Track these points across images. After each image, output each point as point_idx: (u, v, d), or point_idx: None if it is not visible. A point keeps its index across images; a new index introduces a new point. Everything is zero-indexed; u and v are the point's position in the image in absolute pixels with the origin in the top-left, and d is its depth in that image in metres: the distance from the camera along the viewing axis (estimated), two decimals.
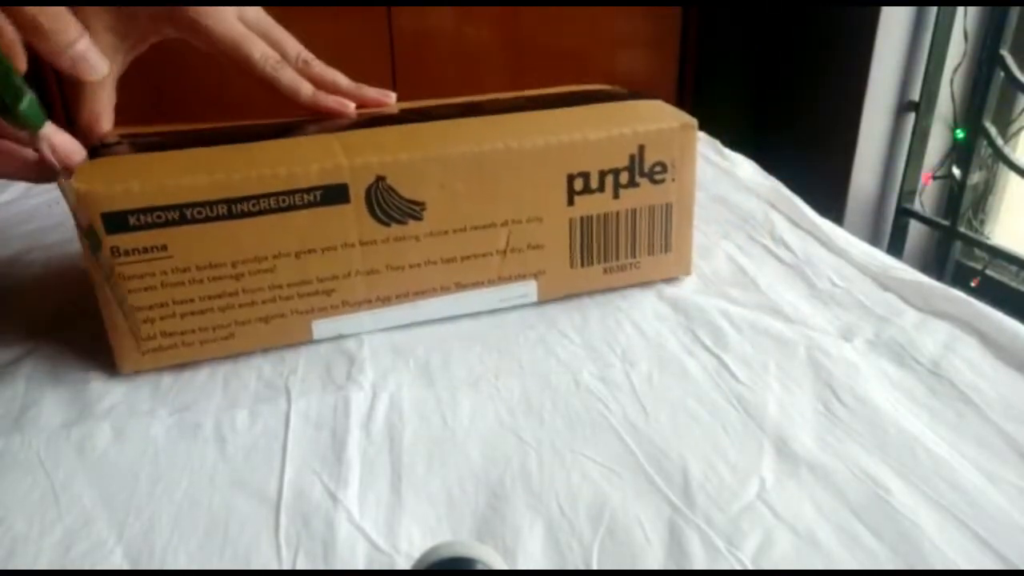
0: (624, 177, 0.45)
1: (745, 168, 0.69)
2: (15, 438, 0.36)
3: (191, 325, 0.40)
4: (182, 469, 0.34)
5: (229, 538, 0.31)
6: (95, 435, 0.36)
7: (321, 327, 0.43)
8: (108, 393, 0.39)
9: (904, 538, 0.30)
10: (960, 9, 1.38)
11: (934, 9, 1.39)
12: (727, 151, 0.73)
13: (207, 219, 0.38)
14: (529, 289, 0.46)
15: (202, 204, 0.38)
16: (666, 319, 0.45)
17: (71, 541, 0.30)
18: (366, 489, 0.33)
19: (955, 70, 1.44)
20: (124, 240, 0.37)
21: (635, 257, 0.48)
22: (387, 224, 0.41)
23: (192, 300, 0.39)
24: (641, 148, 0.45)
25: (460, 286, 0.45)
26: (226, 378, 0.40)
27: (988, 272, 1.47)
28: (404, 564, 0.29)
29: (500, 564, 0.27)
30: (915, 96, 1.46)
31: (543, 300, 0.47)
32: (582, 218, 0.45)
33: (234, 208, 0.38)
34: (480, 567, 0.26)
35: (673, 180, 0.46)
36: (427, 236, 0.42)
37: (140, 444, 0.36)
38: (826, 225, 0.57)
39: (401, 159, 0.40)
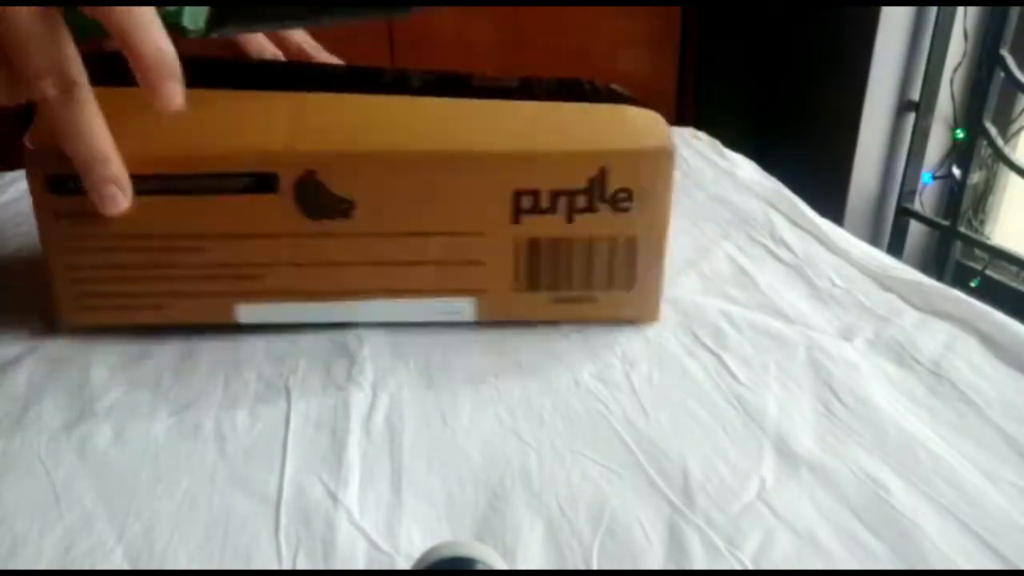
0: (581, 200, 0.40)
1: (745, 168, 0.69)
2: (16, 438, 0.36)
3: (123, 290, 0.41)
4: (182, 469, 0.34)
5: (229, 538, 0.31)
6: (95, 435, 0.36)
7: (245, 312, 0.43)
8: (108, 393, 0.39)
9: (904, 538, 0.30)
10: (960, 9, 1.38)
11: (934, 9, 1.39)
12: (727, 151, 0.73)
13: (142, 191, 0.38)
14: (466, 307, 0.43)
15: (138, 177, 0.38)
16: (666, 319, 0.45)
17: (71, 541, 0.30)
18: (366, 489, 0.33)
19: (955, 70, 1.43)
20: (65, 203, 0.39)
21: (590, 290, 0.42)
22: (315, 219, 0.40)
23: (124, 267, 0.41)
24: (603, 171, 0.39)
25: (391, 293, 0.42)
26: (226, 378, 0.40)
27: (988, 272, 1.47)
28: (404, 564, 0.29)
29: (500, 564, 0.27)
30: (915, 96, 1.46)
31: (483, 321, 0.43)
32: (530, 240, 0.41)
33: (168, 184, 0.39)
34: (480, 567, 0.26)
35: (641, 211, 0.40)
36: (356, 236, 0.40)
37: (140, 444, 0.36)
38: (826, 225, 0.57)
39: (333, 153, 0.39)
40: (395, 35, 1.48)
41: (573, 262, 0.42)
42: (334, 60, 0.50)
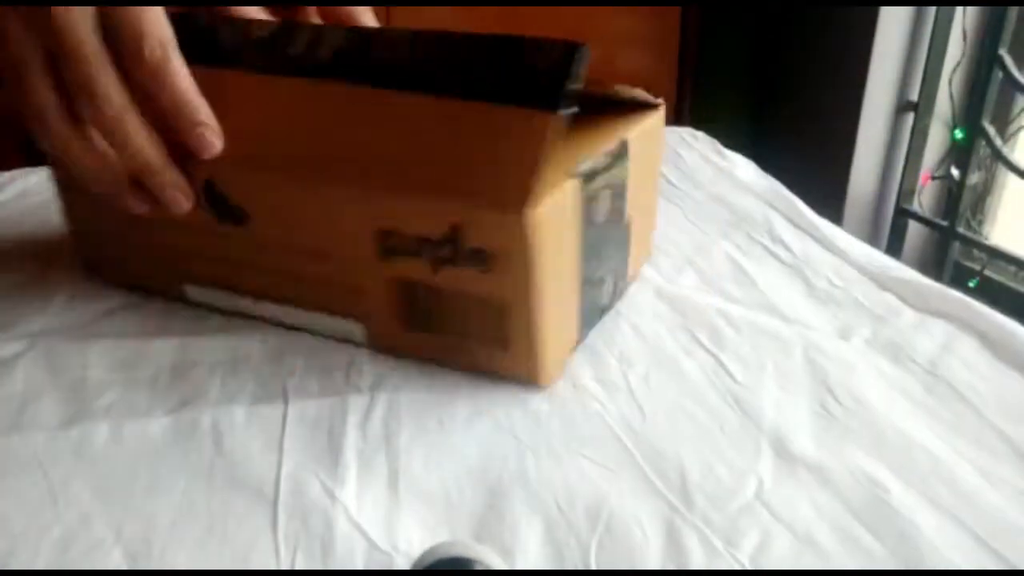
0: (445, 250, 0.35)
1: (744, 168, 0.69)
2: (13, 437, 0.36)
3: (112, 253, 0.48)
4: (180, 468, 0.34)
5: (228, 536, 0.31)
6: (93, 434, 0.36)
7: (192, 292, 0.46)
8: (106, 392, 0.39)
9: (902, 537, 0.30)
10: (959, 9, 1.38)
11: (933, 9, 1.39)
12: (726, 151, 0.73)
13: None
14: (357, 331, 0.42)
15: None
16: (664, 319, 0.45)
17: (69, 540, 0.30)
18: (364, 488, 0.33)
19: (954, 70, 1.44)
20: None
21: (468, 342, 0.39)
22: (220, 221, 0.41)
23: (104, 234, 0.47)
24: (456, 227, 0.34)
25: (292, 302, 0.42)
26: (223, 378, 0.40)
27: (987, 272, 1.47)
28: (403, 563, 0.29)
29: (499, 564, 0.27)
30: (914, 96, 1.46)
31: (376, 348, 0.42)
32: (400, 280, 0.38)
33: None
34: (479, 567, 0.26)
35: (505, 274, 0.35)
36: (252, 243, 0.41)
37: (138, 443, 0.36)
38: (825, 225, 0.57)
39: (227, 163, 0.39)
40: None
41: (444, 312, 0.38)
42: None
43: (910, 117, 1.47)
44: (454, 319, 0.38)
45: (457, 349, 0.39)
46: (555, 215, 0.35)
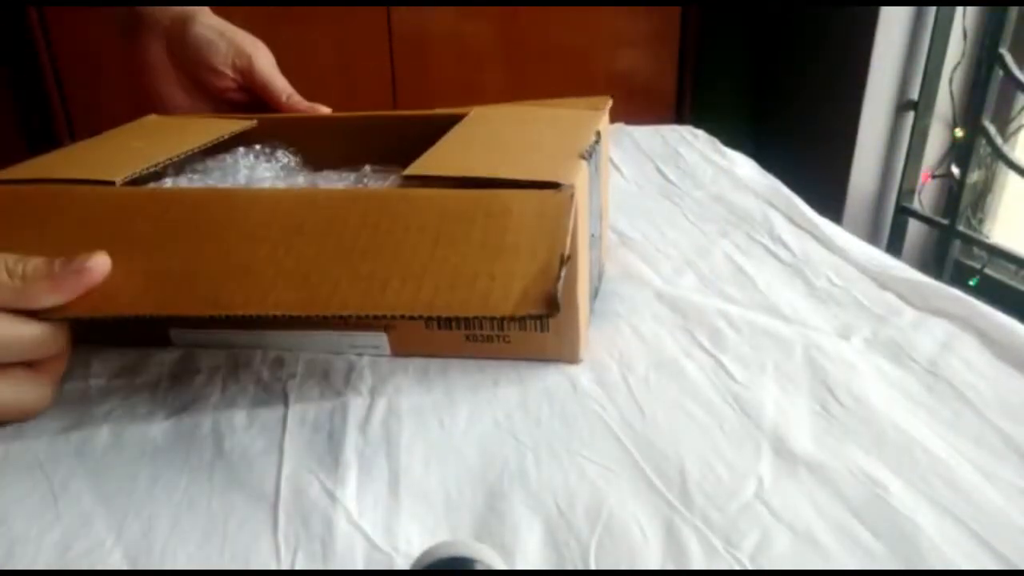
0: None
1: (744, 167, 0.69)
2: (14, 443, 0.36)
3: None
4: (180, 469, 0.34)
5: (228, 537, 0.31)
6: (94, 437, 0.36)
7: (178, 335, 0.44)
8: (107, 399, 0.39)
9: (902, 537, 0.30)
10: (959, 8, 1.38)
11: (933, 9, 1.39)
12: (726, 150, 0.73)
13: None
14: (380, 341, 0.42)
15: None
16: (664, 320, 0.45)
17: (70, 541, 0.30)
18: (364, 489, 0.33)
19: (954, 69, 1.44)
20: None
21: (503, 330, 0.41)
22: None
23: None
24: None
25: (307, 326, 0.42)
26: (224, 382, 0.40)
27: (987, 271, 1.47)
28: (403, 564, 0.29)
29: (499, 564, 0.27)
30: (914, 95, 1.46)
31: (398, 354, 0.42)
32: None
33: None
34: (479, 567, 0.26)
35: None
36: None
37: (138, 445, 0.36)
38: (825, 224, 0.57)
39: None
40: (394, 34, 1.48)
41: None
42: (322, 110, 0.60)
43: (910, 116, 1.47)
44: None
45: (490, 340, 0.41)
46: (581, 187, 0.39)
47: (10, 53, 1.38)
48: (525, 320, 0.37)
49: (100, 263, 0.36)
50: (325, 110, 0.61)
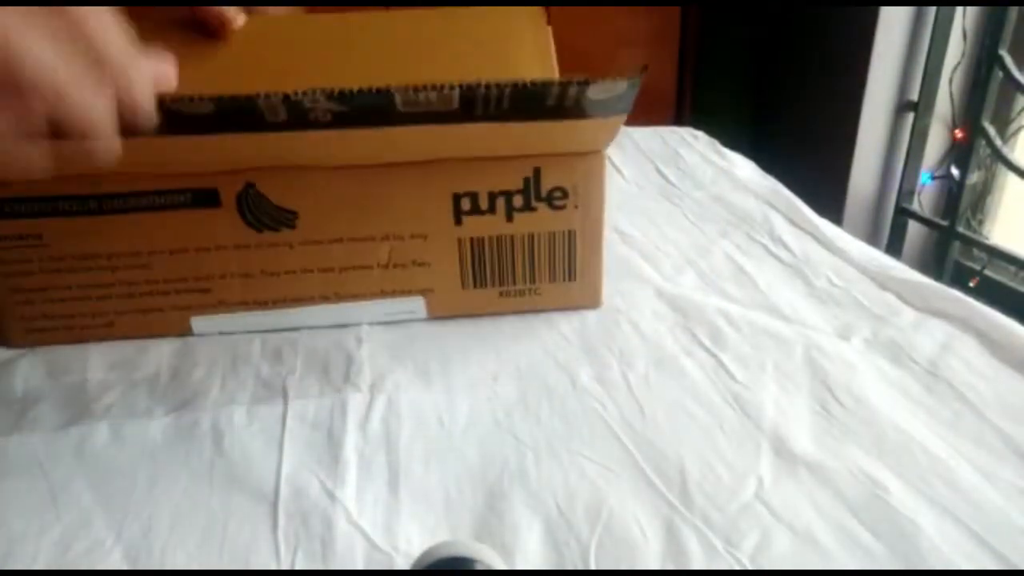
0: (518, 200, 0.42)
1: (744, 168, 0.69)
2: (13, 439, 0.36)
3: (71, 311, 0.42)
4: (180, 468, 0.34)
5: (228, 536, 0.31)
6: (93, 435, 0.36)
7: (200, 323, 0.43)
8: (106, 394, 0.39)
9: (902, 536, 0.30)
10: (959, 9, 1.38)
11: (933, 9, 1.39)
12: (726, 151, 0.73)
13: (79, 212, 0.39)
14: (416, 306, 0.44)
15: (72, 198, 0.38)
16: (664, 318, 0.45)
17: (69, 541, 0.30)
18: (364, 488, 0.33)
19: (954, 70, 1.43)
20: (6, 226, 0.39)
21: (534, 283, 0.45)
22: (259, 230, 0.40)
23: (70, 287, 0.41)
24: (537, 171, 0.41)
25: (340, 297, 0.43)
26: (224, 378, 0.40)
27: (987, 272, 1.47)
28: (403, 563, 0.29)
29: (499, 563, 0.27)
30: (914, 96, 1.46)
31: (433, 317, 0.44)
32: (472, 239, 0.42)
33: (105, 204, 0.39)
34: (479, 566, 0.26)
35: (576, 207, 0.42)
36: (301, 244, 0.41)
37: (138, 443, 0.36)
38: (825, 225, 0.57)
39: (270, 167, 0.39)
40: None
41: (516, 258, 0.43)
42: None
43: (910, 117, 1.47)
44: (523, 263, 0.43)
45: (521, 294, 0.44)
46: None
47: None
48: (555, 267, 0.43)
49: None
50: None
